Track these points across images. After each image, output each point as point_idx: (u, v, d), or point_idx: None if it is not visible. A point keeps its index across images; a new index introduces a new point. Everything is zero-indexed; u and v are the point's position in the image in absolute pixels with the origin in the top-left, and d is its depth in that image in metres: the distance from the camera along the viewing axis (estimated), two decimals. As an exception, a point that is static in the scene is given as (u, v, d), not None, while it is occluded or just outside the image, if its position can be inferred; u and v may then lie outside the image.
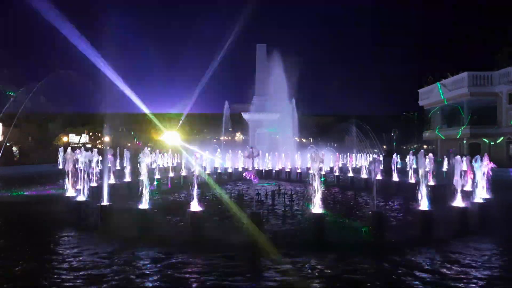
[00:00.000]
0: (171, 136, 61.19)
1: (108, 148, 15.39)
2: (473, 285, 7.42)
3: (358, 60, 71.22)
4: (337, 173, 26.21)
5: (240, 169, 29.21)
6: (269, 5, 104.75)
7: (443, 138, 52.02)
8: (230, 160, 31.76)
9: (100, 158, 19.75)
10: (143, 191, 10.98)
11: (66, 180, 14.28)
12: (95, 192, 13.98)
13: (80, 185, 13.56)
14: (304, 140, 61.47)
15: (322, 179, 11.44)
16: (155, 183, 19.66)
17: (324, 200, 10.66)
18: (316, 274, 7.92)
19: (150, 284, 7.37)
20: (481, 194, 13.05)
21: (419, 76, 61.04)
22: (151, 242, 9.86)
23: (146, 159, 12.23)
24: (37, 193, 18.95)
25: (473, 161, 13.44)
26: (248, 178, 11.18)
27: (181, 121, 59.37)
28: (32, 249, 9.59)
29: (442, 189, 16.13)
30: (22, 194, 18.59)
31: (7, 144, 40.08)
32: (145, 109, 51.23)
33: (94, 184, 16.25)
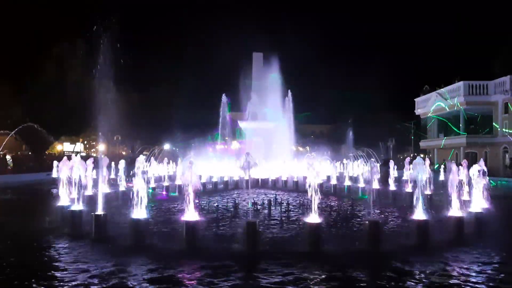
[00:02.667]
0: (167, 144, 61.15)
1: (103, 156, 15.22)
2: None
3: (355, 68, 71.51)
4: (334, 182, 26.08)
5: (236, 178, 28.98)
6: (266, 13, 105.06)
7: (442, 146, 51.97)
8: (226, 169, 31.53)
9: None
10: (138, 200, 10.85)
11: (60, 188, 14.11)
12: (89, 201, 13.83)
13: (75, 193, 13.40)
14: (300, 149, 61.39)
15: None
16: None
17: (321, 209, 10.54)
18: (312, 284, 7.78)
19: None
20: (479, 203, 13.01)
21: (415, 85, 61.16)
22: (145, 251, 9.73)
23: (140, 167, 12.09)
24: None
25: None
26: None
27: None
28: (25, 258, 9.41)
29: (439, 198, 16.10)
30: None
31: (1, 153, 39.87)
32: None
33: (89, 193, 16.07)
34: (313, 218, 10.19)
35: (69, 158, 15.47)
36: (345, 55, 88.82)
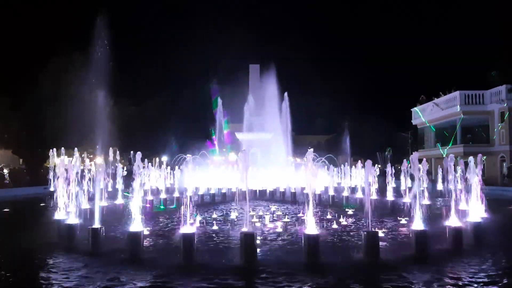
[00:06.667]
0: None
1: (100, 169, 15.19)
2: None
3: (353, 79, 71.73)
4: (331, 193, 26.00)
5: (234, 190, 28.86)
6: (262, 25, 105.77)
7: (444, 155, 51.88)
8: (224, 181, 31.42)
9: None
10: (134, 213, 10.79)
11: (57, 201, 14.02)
12: (86, 214, 13.80)
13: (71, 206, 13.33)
14: (298, 160, 61.31)
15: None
16: None
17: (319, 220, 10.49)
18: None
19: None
20: (478, 212, 12.99)
21: (413, 94, 61.35)
22: (141, 265, 9.65)
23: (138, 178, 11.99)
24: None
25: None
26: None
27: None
28: (20, 272, 9.33)
29: (437, 208, 16.08)
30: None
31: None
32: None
33: (86, 206, 15.96)
34: (311, 229, 10.14)
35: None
36: (342, 66, 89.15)
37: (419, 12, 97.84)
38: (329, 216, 16.53)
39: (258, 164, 35.13)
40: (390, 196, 21.94)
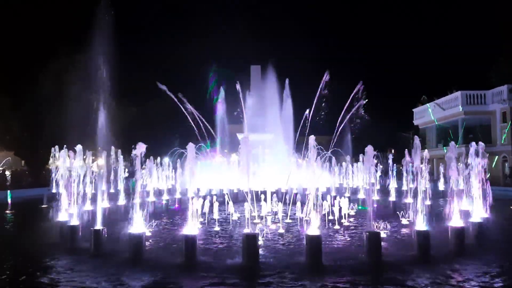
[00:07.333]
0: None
1: (101, 170, 15.21)
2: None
3: (353, 78, 71.37)
4: (334, 194, 25.93)
5: (235, 191, 28.84)
6: (262, 25, 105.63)
7: (444, 151, 51.83)
8: (225, 181, 31.34)
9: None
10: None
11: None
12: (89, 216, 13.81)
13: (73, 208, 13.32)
14: (300, 161, 61.16)
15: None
16: None
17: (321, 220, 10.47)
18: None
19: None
20: (480, 212, 12.96)
21: (413, 94, 61.32)
22: (143, 266, 9.63)
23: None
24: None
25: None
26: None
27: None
28: (22, 274, 9.32)
29: (439, 208, 16.04)
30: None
31: (0, 168, 39.75)
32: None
33: (88, 207, 15.95)
34: (313, 230, 10.12)
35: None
36: (342, 66, 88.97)
37: (419, 12, 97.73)
38: (331, 217, 16.45)
39: (259, 163, 35.06)
40: (392, 196, 21.90)
